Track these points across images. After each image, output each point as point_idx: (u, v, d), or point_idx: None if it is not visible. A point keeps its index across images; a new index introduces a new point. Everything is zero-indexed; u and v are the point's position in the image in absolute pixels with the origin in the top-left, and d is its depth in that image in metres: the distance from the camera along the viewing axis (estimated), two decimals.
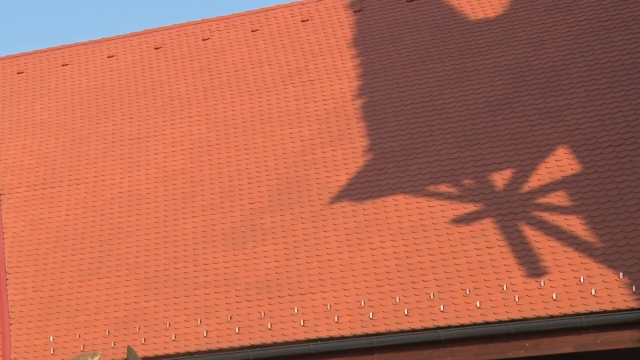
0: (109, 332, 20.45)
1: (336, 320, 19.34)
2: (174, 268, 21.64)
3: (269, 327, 19.75)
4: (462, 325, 18.37)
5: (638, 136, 19.97)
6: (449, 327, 18.44)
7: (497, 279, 18.70)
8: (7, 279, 23.08)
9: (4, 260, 23.53)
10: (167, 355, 19.13)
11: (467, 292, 18.71)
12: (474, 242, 19.50)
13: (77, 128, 26.30)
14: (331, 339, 19.14)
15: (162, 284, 21.44)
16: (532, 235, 19.17)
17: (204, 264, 21.43)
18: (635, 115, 20.39)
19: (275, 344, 19.48)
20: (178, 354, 19.41)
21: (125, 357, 14.46)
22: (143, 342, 19.59)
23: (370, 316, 19.13)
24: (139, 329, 20.40)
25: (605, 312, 17.53)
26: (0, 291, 22.77)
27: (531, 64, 22.44)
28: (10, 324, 22.02)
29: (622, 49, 21.92)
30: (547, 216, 19.38)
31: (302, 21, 26.24)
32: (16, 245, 23.78)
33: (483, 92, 22.31)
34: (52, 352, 20.34)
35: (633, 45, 21.83)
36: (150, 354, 18.72)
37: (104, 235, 23.11)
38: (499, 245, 19.22)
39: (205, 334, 20.05)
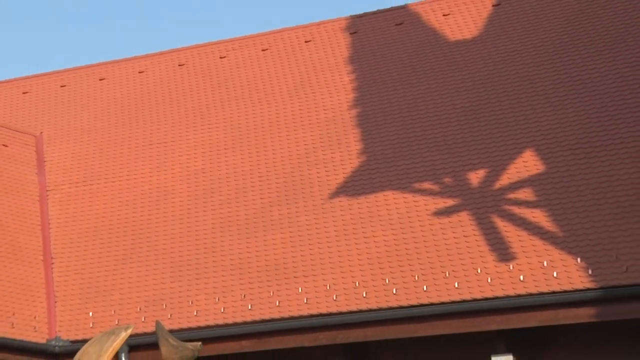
0: (140, 309, 20.51)
1: (334, 298, 19.38)
2: (196, 254, 21.67)
3: (277, 304, 19.78)
4: (442, 303, 18.41)
5: (593, 141, 19.99)
6: (431, 304, 18.47)
7: (472, 263, 18.76)
8: (52, 264, 23.11)
9: (50, 248, 23.57)
10: (190, 329, 19.19)
11: (447, 275, 18.74)
12: (452, 232, 19.54)
13: (112, 133, 26.29)
14: (330, 314, 19.19)
15: (186, 268, 21.49)
16: (502, 225, 19.22)
17: (221, 251, 21.46)
18: (591, 123, 20.39)
19: (282, 319, 19.50)
20: (199, 327, 19.44)
21: (154, 330, 14.44)
22: (169, 317, 19.61)
23: (364, 295, 19.16)
24: (165, 306, 20.48)
25: (564, 291, 17.55)
26: (47, 274, 22.82)
27: (502, 78, 22.42)
28: (56, 302, 22.07)
29: (580, 65, 21.93)
30: (516, 209, 19.41)
31: (306, 41, 26.20)
32: (60, 235, 23.81)
33: (460, 103, 22.29)
34: (91, 326, 20.33)
35: (589, 62, 21.84)
36: (175, 327, 18.73)
37: (136, 226, 23.13)
38: (474, 234, 19.27)
39: (222, 310, 20.09)
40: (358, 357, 19.73)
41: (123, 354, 18.53)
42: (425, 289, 18.74)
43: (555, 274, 17.91)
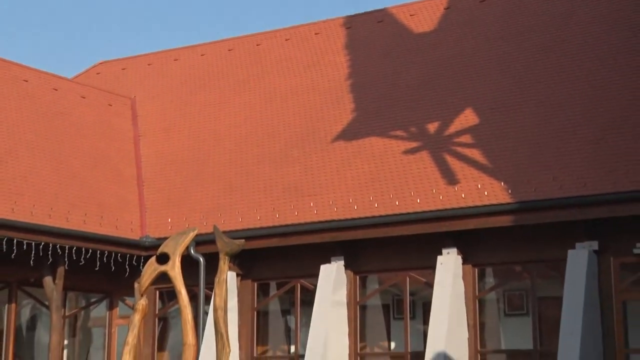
0: (202, 216, 20.57)
1: (335, 210, 19.41)
2: (240, 179, 21.76)
3: (296, 214, 19.86)
4: (409, 212, 18.46)
5: (512, 102, 19.88)
6: (401, 213, 18.53)
7: (429, 185, 18.78)
8: (143, 185, 23.20)
9: (141, 174, 23.64)
10: (236, 230, 19.15)
11: (412, 194, 18.78)
12: (415, 165, 19.52)
13: (183, 97, 26.13)
14: (331, 220, 19.23)
15: (234, 188, 21.56)
16: (450, 160, 19.21)
17: (257, 176, 21.49)
18: (511, 89, 20.28)
19: (299, 224, 19.59)
20: (243, 229, 19.49)
21: (212, 231, 14.51)
22: (222, 222, 19.59)
23: (355, 207, 19.20)
24: (220, 214, 20.54)
25: (492, 204, 17.64)
26: (140, 192, 22.92)
27: (450, 58, 22.16)
28: (145, 211, 22.19)
29: (502, 48, 21.73)
30: (459, 149, 19.39)
31: (315, 34, 26.06)
32: (148, 165, 23.91)
33: (422, 76, 22.00)
34: (169, 228, 20.43)
35: (508, 46, 21.66)
36: (226, 229, 18.58)
37: (199, 159, 23.14)
38: (430, 166, 19.24)
39: (258, 218, 20.16)
40: (350, 251, 19.69)
41: (191, 247, 18.61)
42: (397, 203, 18.78)
43: (485, 193, 17.98)
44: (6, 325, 20.58)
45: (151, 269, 13.94)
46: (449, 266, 18.32)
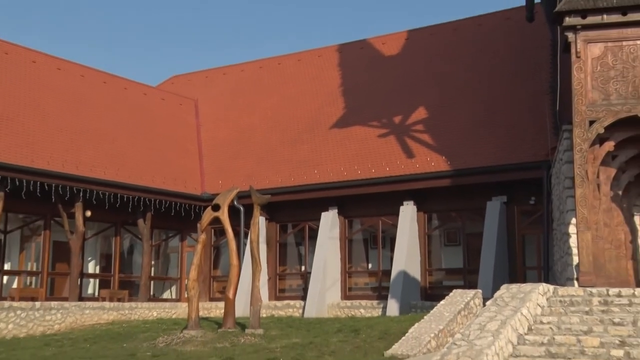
0: (242, 180, 20.36)
1: (331, 175, 19.35)
2: (267, 155, 21.59)
3: (305, 178, 19.77)
4: (380, 177, 18.38)
5: (451, 101, 19.76)
6: (377, 177, 18.44)
7: (395, 159, 18.67)
8: (202, 158, 23.16)
9: (202, 150, 23.62)
10: (265, 189, 18.84)
11: (383, 164, 18.73)
12: (386, 145, 19.41)
13: (230, 100, 25.96)
14: (329, 182, 19.17)
15: (262, 161, 21.48)
16: (409, 142, 19.09)
17: (279, 154, 21.38)
18: (449, 92, 20.20)
19: (307, 184, 19.52)
20: (270, 188, 19.26)
21: (249, 190, 14.62)
22: (255, 184, 19.42)
23: (345, 174, 19.17)
24: (254, 178, 20.41)
25: (437, 171, 17.61)
26: (200, 163, 22.90)
27: (412, 72, 21.95)
28: (204, 177, 22.25)
29: (439, 65, 21.64)
30: (416, 134, 19.30)
31: (318, 56, 25.77)
32: (206, 144, 23.80)
33: (391, 84, 21.86)
34: (220, 187, 20.22)
35: (444, 65, 21.56)
36: (258, 188, 18.59)
37: (240, 141, 23.01)
38: (396, 146, 19.14)
39: (280, 181, 20.09)
40: (341, 203, 19.64)
41: (235, 200, 18.64)
42: (373, 170, 18.77)
43: (432, 164, 17.96)
44: (114, 251, 20.76)
45: (208, 214, 14.22)
46: (408, 213, 18.36)
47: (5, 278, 18.26)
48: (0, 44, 20.82)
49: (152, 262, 21.74)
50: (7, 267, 18.47)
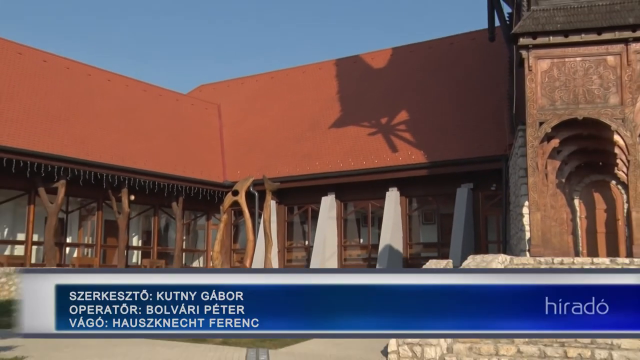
0: (257, 170, 20.37)
1: (330, 166, 19.31)
2: (275, 150, 21.52)
3: (307, 168, 19.69)
4: (370, 168, 18.31)
5: (427, 105, 19.75)
6: (368, 168, 18.38)
7: (383, 154, 18.59)
8: (224, 153, 23.11)
9: (224, 147, 23.57)
10: (275, 177, 18.84)
11: (372, 157, 18.62)
12: (375, 142, 19.29)
13: (244, 105, 25.73)
14: (328, 172, 19.11)
15: (272, 156, 21.40)
16: (394, 139, 19.03)
17: (286, 149, 21.27)
18: (430, 98, 20.16)
19: (309, 174, 19.45)
20: (278, 177, 19.24)
21: (262, 178, 14.66)
22: (267, 174, 19.42)
23: (341, 165, 19.12)
24: (266, 169, 20.33)
25: (418, 163, 17.56)
26: (223, 157, 22.90)
27: (398, 83, 21.75)
28: (226, 168, 22.28)
29: (416, 79, 21.61)
30: (399, 133, 19.23)
31: (319, 69, 25.56)
32: (227, 142, 23.74)
33: (380, 92, 21.70)
34: (238, 176, 19.85)
35: (423, 78, 21.48)
36: (270, 176, 18.55)
37: (255, 138, 22.91)
38: (384, 143, 19.02)
39: (287, 171, 19.97)
40: (338, 189, 19.57)
41: (251, 187, 18.43)
42: (364, 162, 18.69)
43: (413, 157, 17.92)
44: (153, 228, 21.00)
45: (229, 198, 14.29)
46: (392, 197, 18.38)
47: (67, 249, 18.80)
48: (62, 60, 21.28)
49: (184, 237, 21.87)
50: (69, 240, 19.02)
